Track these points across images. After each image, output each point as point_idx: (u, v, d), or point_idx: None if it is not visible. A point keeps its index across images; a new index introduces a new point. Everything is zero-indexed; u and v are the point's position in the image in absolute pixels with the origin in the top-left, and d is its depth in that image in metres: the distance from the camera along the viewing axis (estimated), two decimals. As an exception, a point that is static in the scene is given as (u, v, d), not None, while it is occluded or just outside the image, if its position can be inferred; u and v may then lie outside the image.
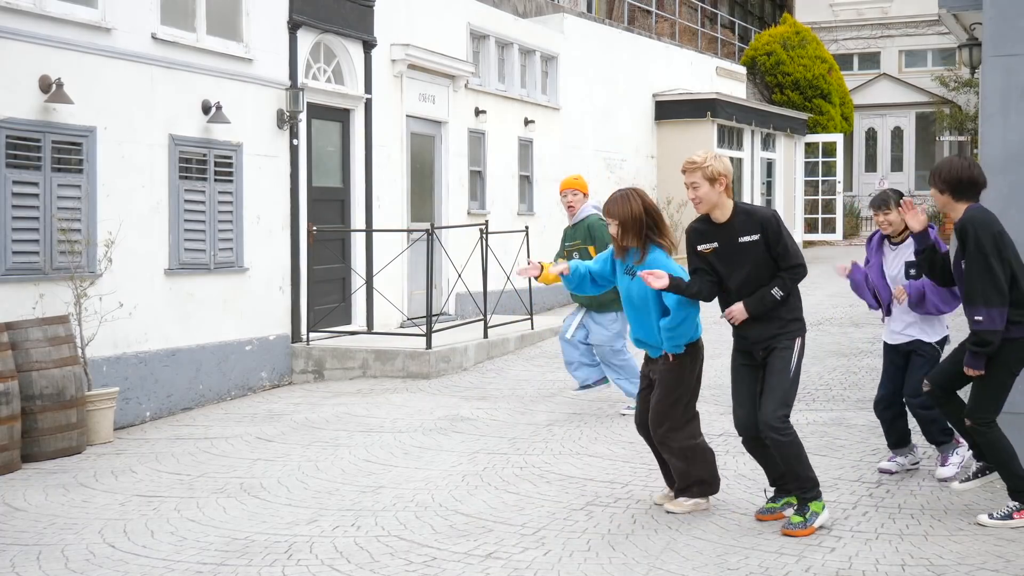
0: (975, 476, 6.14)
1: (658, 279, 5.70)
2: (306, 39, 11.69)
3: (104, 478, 7.47)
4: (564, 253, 8.87)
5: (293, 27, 11.43)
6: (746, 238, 5.75)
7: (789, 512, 5.82)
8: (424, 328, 11.49)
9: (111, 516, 6.45)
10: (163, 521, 6.28)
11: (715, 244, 5.81)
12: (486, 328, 12.22)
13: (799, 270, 5.82)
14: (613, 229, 6.07)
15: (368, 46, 12.62)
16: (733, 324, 5.92)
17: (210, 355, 10.36)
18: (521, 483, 6.88)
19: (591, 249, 8.66)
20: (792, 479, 5.76)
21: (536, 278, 6.73)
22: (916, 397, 6.49)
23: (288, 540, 5.83)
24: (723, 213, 5.80)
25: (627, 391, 8.82)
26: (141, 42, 9.60)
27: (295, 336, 11.50)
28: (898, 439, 6.75)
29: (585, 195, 8.90)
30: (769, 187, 23.37)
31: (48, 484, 7.33)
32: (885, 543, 5.50)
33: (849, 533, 5.68)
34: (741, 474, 6.94)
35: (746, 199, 22.21)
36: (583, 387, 9.12)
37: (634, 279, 6.03)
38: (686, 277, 5.92)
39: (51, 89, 8.64)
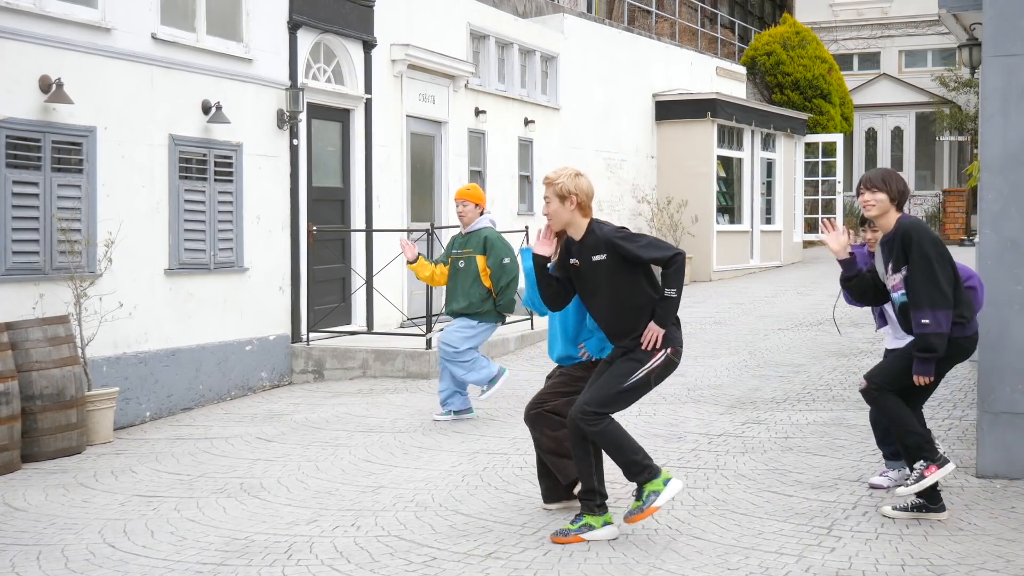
0: (911, 509, 5.98)
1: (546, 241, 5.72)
2: (306, 39, 11.70)
3: (104, 478, 7.47)
4: (448, 259, 8.89)
5: (293, 27, 11.43)
6: (596, 257, 5.68)
7: (587, 535, 5.65)
8: (424, 328, 11.50)
9: (111, 516, 6.45)
10: (163, 521, 6.28)
11: (577, 261, 5.73)
12: (486, 328, 12.21)
13: (678, 258, 5.62)
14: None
15: (368, 46, 12.62)
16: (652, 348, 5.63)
17: (210, 355, 10.36)
18: (521, 483, 6.88)
19: (480, 259, 8.76)
20: (621, 468, 5.64)
21: (409, 262, 6.79)
22: None
23: (288, 540, 5.83)
24: (577, 232, 5.75)
25: (479, 380, 8.88)
26: (141, 42, 9.60)
27: (295, 336, 11.50)
28: (895, 450, 6.63)
29: (477, 205, 8.91)
30: (769, 187, 23.37)
31: (48, 484, 7.33)
32: (885, 543, 5.50)
33: (849, 533, 5.68)
34: (741, 474, 6.95)
35: (746, 199, 22.23)
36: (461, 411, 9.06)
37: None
38: None
39: (51, 89, 8.64)
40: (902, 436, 5.85)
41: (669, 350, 5.64)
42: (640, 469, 5.60)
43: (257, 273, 10.96)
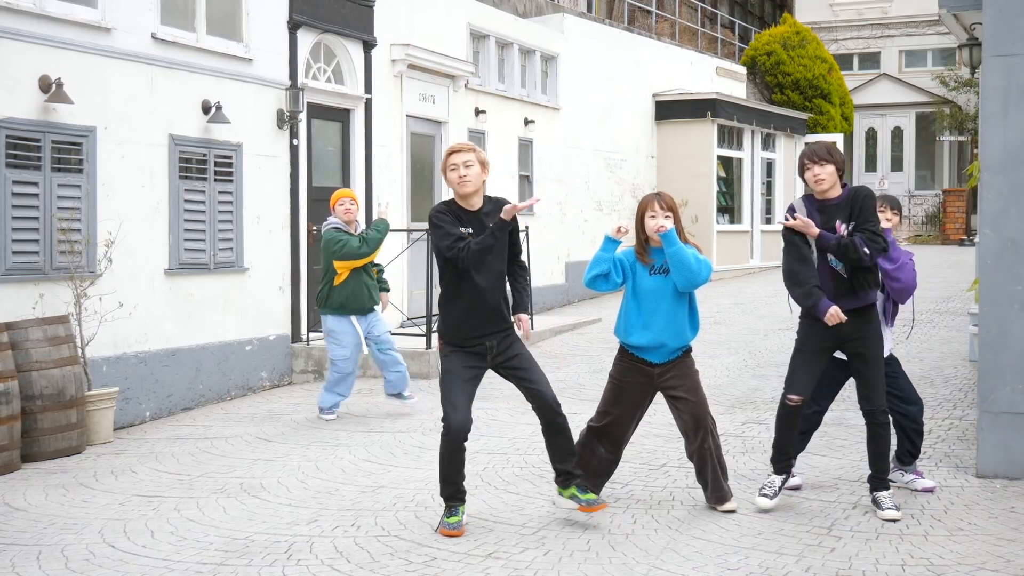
0: (776, 495, 6.17)
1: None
2: (306, 39, 11.69)
3: (104, 478, 7.47)
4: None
5: (293, 27, 11.43)
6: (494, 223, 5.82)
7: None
8: (424, 328, 11.50)
9: (111, 516, 6.45)
10: (163, 521, 6.28)
11: (470, 229, 5.80)
12: (486, 328, 12.21)
13: (527, 272, 6.19)
14: (669, 222, 5.98)
15: (368, 46, 12.62)
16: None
17: (210, 355, 10.36)
18: (521, 483, 6.88)
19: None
20: (573, 463, 5.95)
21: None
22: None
23: (288, 540, 5.83)
24: (477, 201, 5.91)
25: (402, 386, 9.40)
26: (141, 42, 9.60)
27: (295, 336, 11.50)
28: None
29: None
30: (769, 187, 23.37)
31: (48, 484, 7.33)
32: (885, 543, 5.50)
33: (849, 533, 5.68)
34: (741, 474, 6.95)
35: (746, 199, 22.23)
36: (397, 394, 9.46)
37: (667, 276, 6.03)
38: (703, 262, 5.99)
39: (51, 89, 8.63)
40: (887, 460, 6.07)
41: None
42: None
43: (257, 273, 10.96)
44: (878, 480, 6.04)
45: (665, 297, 6.06)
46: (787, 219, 5.99)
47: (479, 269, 5.76)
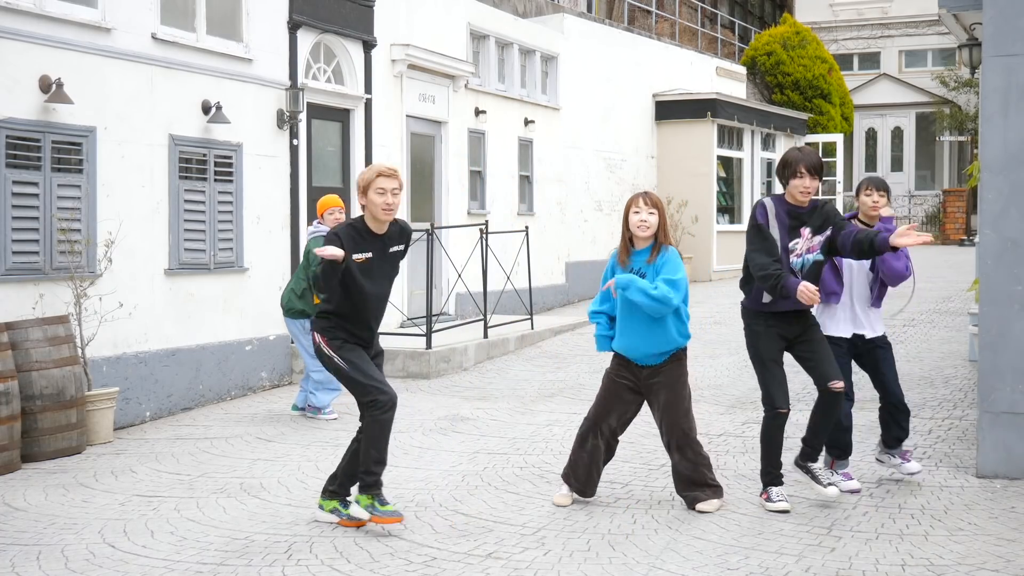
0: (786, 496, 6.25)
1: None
2: (306, 39, 11.70)
3: (104, 478, 7.47)
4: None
5: (293, 27, 11.43)
6: (395, 248, 5.91)
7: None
8: (424, 328, 11.50)
9: (111, 516, 6.45)
10: (163, 521, 6.28)
11: (369, 255, 5.76)
12: (486, 328, 12.23)
13: None
14: (653, 218, 6.01)
15: (368, 46, 12.62)
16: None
17: (210, 355, 10.36)
18: (521, 483, 6.88)
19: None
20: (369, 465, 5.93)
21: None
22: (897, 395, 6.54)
23: (288, 540, 5.83)
24: (386, 225, 5.85)
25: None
26: (141, 42, 9.60)
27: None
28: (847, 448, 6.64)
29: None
30: (769, 187, 23.37)
31: (48, 484, 7.33)
32: (885, 543, 5.51)
33: (849, 533, 5.69)
34: (741, 474, 6.95)
35: (746, 199, 22.23)
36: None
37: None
38: (662, 293, 5.92)
39: (51, 89, 8.63)
40: (824, 437, 6.19)
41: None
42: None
43: (257, 273, 10.96)
44: (811, 452, 6.17)
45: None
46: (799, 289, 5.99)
47: (332, 286, 5.69)
